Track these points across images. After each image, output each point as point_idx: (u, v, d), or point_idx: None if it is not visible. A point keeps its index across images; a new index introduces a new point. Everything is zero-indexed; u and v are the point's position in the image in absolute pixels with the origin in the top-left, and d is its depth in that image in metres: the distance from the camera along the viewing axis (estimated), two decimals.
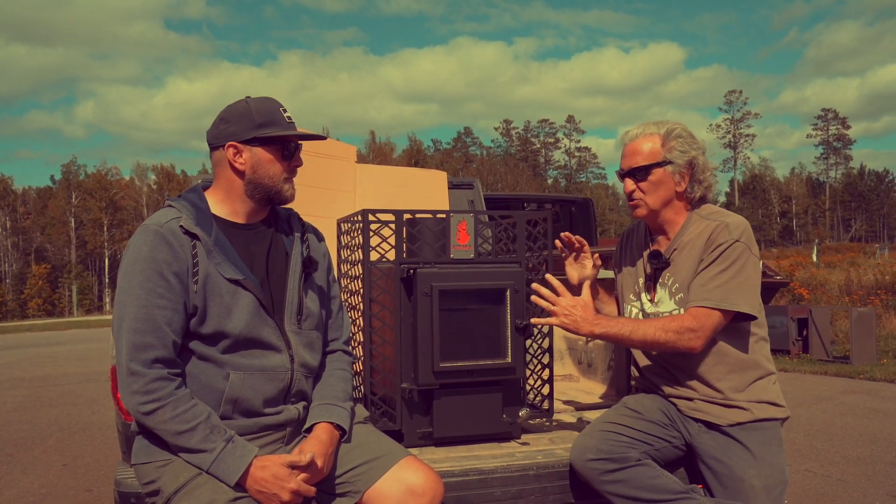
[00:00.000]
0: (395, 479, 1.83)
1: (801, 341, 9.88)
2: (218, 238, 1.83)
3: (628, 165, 2.30)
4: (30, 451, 5.67)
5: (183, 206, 1.84)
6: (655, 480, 2.14)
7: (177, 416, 1.70)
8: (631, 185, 2.30)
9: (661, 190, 2.27)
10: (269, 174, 1.89)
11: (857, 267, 17.16)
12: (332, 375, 2.02)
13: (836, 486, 4.28)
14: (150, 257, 1.74)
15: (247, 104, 1.90)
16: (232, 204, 1.91)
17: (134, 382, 1.69)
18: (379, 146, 59.95)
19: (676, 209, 2.31)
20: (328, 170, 3.52)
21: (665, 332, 2.13)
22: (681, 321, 2.14)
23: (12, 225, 61.43)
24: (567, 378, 3.52)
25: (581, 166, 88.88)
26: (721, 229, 2.20)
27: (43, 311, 53.17)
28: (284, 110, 1.92)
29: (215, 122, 1.92)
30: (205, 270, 1.78)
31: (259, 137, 1.86)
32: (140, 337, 1.70)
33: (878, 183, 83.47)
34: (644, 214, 2.32)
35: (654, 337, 2.14)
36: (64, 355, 14.27)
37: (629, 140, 2.33)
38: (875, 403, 6.82)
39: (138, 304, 1.72)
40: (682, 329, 2.12)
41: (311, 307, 1.95)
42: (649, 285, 2.35)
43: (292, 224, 2.02)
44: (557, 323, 2.19)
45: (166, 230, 1.77)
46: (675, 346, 2.14)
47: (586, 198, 6.46)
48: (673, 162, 2.26)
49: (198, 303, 1.76)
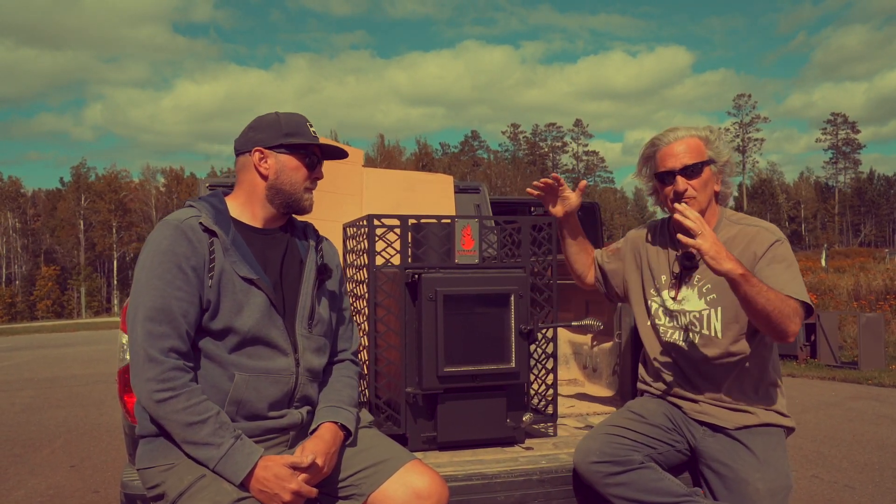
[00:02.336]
0: (400, 483, 1.85)
1: (809, 346, 9.85)
2: (235, 238, 1.88)
3: (681, 163, 2.27)
4: (38, 452, 5.70)
5: (203, 206, 1.90)
6: (659, 483, 2.14)
7: (189, 406, 1.71)
8: (685, 183, 2.27)
9: (708, 188, 2.29)
10: (292, 181, 1.95)
11: (866, 272, 17.07)
12: (339, 381, 2.04)
13: (844, 492, 4.26)
14: (169, 250, 1.78)
15: (276, 116, 1.99)
16: (252, 208, 1.96)
17: (151, 369, 1.71)
18: (388, 150, 60.02)
19: (713, 210, 2.34)
20: (335, 173, 3.54)
21: (789, 306, 2.05)
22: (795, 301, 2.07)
23: (22, 227, 61.81)
24: (572, 382, 3.52)
25: (589, 170, 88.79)
26: (763, 232, 2.24)
27: (52, 312, 53.47)
28: (311, 125, 2.00)
29: (244, 130, 1.99)
30: (220, 266, 1.82)
31: (285, 144, 1.94)
32: (157, 325, 1.73)
33: (888, 187, 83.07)
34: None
35: (777, 305, 2.03)
36: (72, 357, 14.35)
37: (672, 140, 2.31)
38: (883, 409, 6.79)
39: (156, 294, 1.75)
40: (797, 310, 2.07)
41: (323, 314, 1.99)
42: (676, 283, 2.35)
43: (308, 234, 2.07)
44: (705, 247, 2.02)
45: (186, 226, 1.82)
46: (786, 322, 2.04)
47: (592, 202, 6.45)
48: (716, 161, 2.30)
49: (211, 297, 1.80)
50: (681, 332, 2.31)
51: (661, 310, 2.37)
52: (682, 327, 2.31)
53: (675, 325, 2.33)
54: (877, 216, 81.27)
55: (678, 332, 2.32)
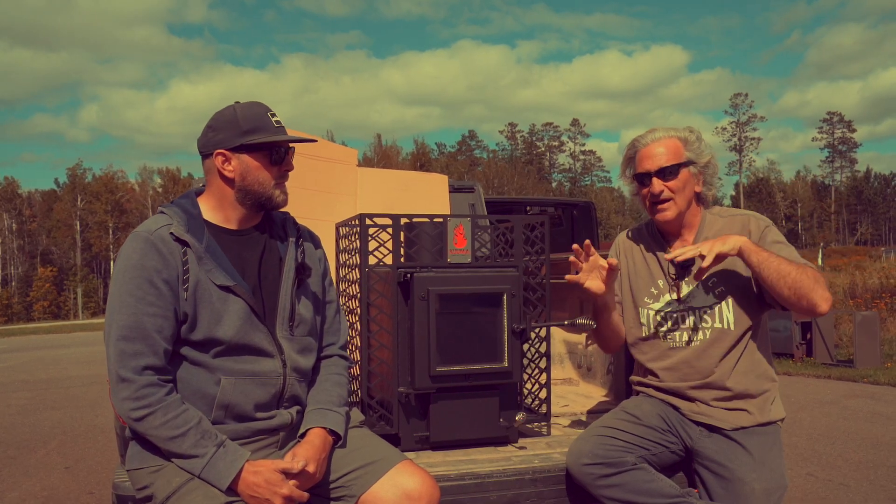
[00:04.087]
0: (391, 484, 1.84)
1: (804, 345, 9.86)
2: (209, 244, 1.82)
3: (655, 165, 2.27)
4: (32, 454, 5.69)
5: (175, 212, 1.84)
6: (651, 485, 2.14)
7: (167, 421, 1.70)
8: (660, 186, 2.27)
9: (686, 190, 2.29)
10: (259, 181, 1.87)
11: (862, 270, 17.08)
12: (328, 380, 2.02)
13: (838, 490, 4.26)
14: (139, 265, 1.74)
15: (233, 111, 1.89)
16: (224, 211, 1.91)
17: (124, 389, 1.70)
18: (385, 149, 59.96)
19: (694, 211, 2.34)
20: (329, 173, 3.53)
21: (805, 273, 2.07)
22: (811, 269, 2.09)
23: (18, 227, 61.66)
24: (567, 382, 3.52)
25: (586, 169, 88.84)
26: (752, 219, 2.28)
27: (49, 313, 53.34)
28: (273, 115, 1.90)
29: (204, 129, 1.91)
30: (195, 277, 1.78)
31: (246, 144, 1.85)
32: (129, 344, 1.71)
33: (885, 186, 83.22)
34: (672, 217, 2.29)
35: (798, 274, 2.05)
36: (68, 358, 14.30)
37: (649, 142, 2.31)
38: (878, 407, 6.80)
39: (128, 311, 1.72)
40: (817, 277, 2.08)
41: (304, 313, 1.94)
42: (675, 284, 2.34)
43: (287, 229, 2.00)
44: (706, 249, 2.09)
45: (156, 237, 1.77)
46: (811, 292, 2.05)
47: (588, 201, 6.46)
48: (696, 162, 2.30)
49: (188, 310, 1.76)
50: (687, 332, 2.30)
51: (660, 315, 2.35)
52: (689, 327, 2.29)
53: (679, 327, 2.31)
54: (873, 215, 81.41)
55: (684, 332, 2.30)
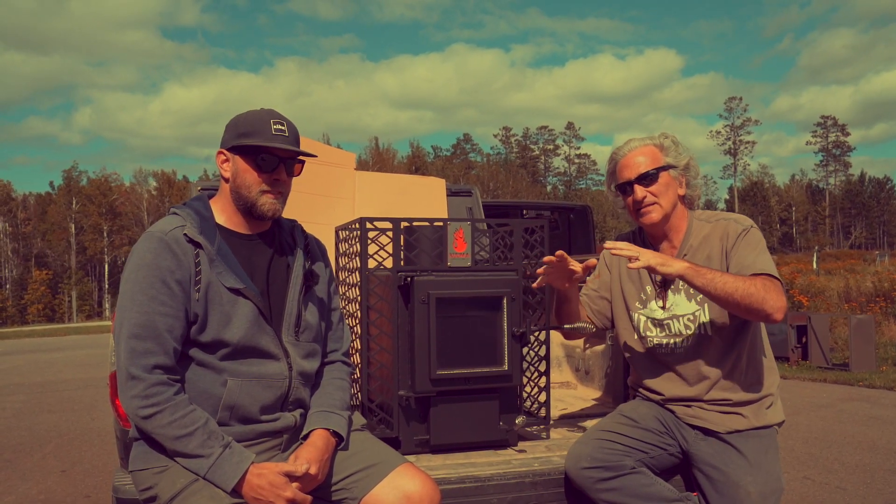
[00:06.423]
0: (391, 487, 1.84)
1: (800, 348, 9.88)
2: (220, 247, 1.85)
3: (635, 173, 2.30)
4: (28, 457, 5.67)
5: (187, 214, 1.86)
6: (649, 488, 2.15)
7: (175, 420, 1.71)
8: (643, 192, 2.29)
9: (669, 192, 2.31)
10: (245, 183, 1.88)
11: (857, 274, 17.17)
12: (331, 384, 2.03)
13: (835, 493, 4.27)
14: (153, 264, 1.76)
15: (245, 114, 1.92)
16: (232, 214, 1.93)
17: (133, 387, 1.71)
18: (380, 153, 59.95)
19: (680, 214, 2.35)
20: (327, 177, 3.54)
21: (753, 284, 2.07)
22: (761, 279, 2.09)
23: (13, 230, 61.45)
24: (565, 385, 3.53)
25: (581, 173, 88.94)
26: (731, 224, 2.28)
27: (43, 316, 53.15)
28: (278, 123, 1.88)
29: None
30: (206, 279, 1.80)
31: (238, 146, 1.88)
32: (140, 343, 1.72)
33: (879, 190, 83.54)
34: (657, 220, 2.31)
35: (739, 286, 2.06)
36: (63, 361, 14.26)
37: (627, 152, 2.34)
38: (874, 411, 6.82)
39: (140, 310, 1.74)
40: (766, 286, 2.07)
41: (310, 320, 1.97)
42: (661, 292, 2.36)
43: (296, 237, 2.03)
44: (651, 261, 2.09)
45: (170, 238, 1.79)
46: (758, 301, 2.05)
47: (584, 205, 6.45)
48: (675, 166, 2.32)
49: (198, 311, 1.78)
50: (674, 338, 2.32)
51: (649, 321, 2.37)
52: (675, 333, 2.32)
53: (666, 333, 2.33)
54: (867, 219, 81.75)
55: (671, 338, 2.32)
